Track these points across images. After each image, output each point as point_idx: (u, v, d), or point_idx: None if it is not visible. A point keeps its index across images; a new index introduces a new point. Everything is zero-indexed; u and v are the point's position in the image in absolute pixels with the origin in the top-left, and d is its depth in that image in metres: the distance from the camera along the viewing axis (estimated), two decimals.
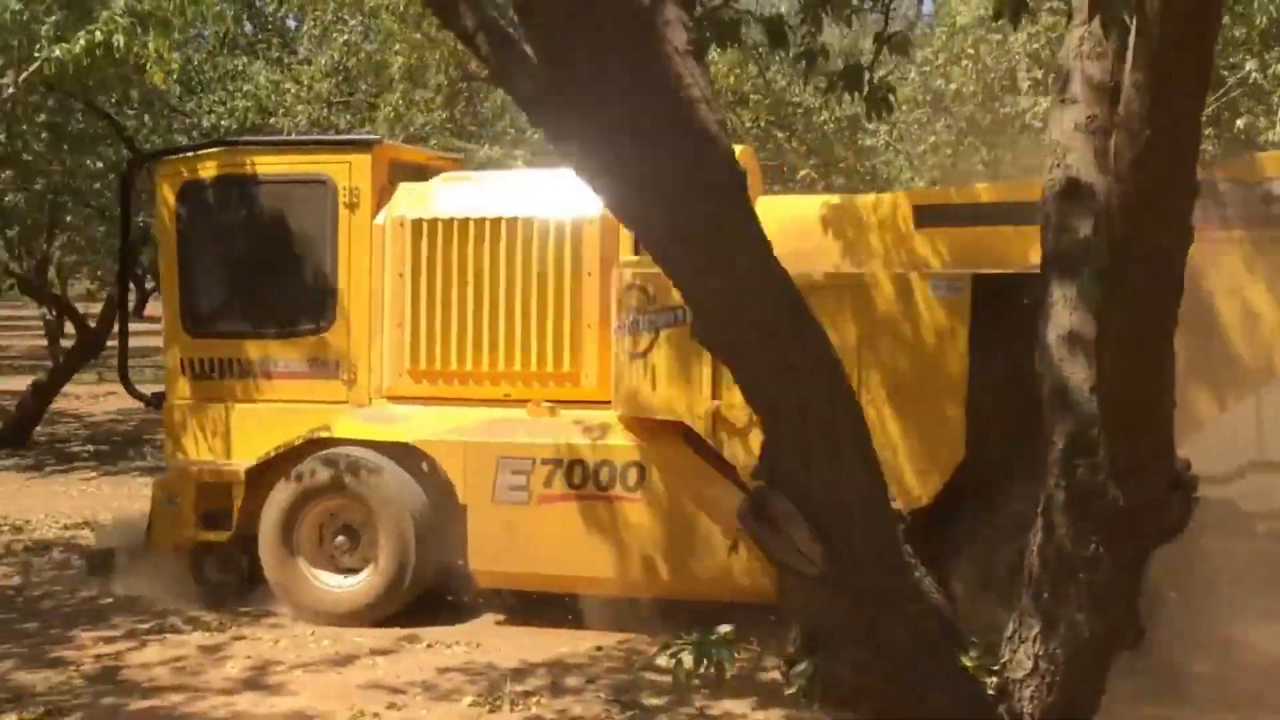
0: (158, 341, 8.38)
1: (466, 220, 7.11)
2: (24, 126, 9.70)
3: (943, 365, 5.95)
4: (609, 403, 6.77)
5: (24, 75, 7.06)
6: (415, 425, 7.05)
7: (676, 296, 5.66)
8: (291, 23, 14.09)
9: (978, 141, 11.05)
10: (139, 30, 7.35)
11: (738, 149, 6.85)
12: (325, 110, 12.07)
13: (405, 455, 6.99)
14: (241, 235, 7.66)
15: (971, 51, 10.56)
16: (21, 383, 15.18)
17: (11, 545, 9.15)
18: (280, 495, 7.08)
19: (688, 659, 3.27)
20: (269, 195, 7.52)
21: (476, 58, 3.38)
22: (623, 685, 6.00)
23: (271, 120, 12.05)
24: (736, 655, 3.34)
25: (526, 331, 7.03)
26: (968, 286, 5.94)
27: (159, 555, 7.54)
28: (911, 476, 5.90)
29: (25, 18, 7.01)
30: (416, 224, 7.18)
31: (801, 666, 3.19)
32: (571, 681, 6.06)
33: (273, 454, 7.19)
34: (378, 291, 7.28)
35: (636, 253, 6.46)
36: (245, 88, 11.94)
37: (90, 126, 10.93)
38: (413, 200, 7.30)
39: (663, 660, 3.59)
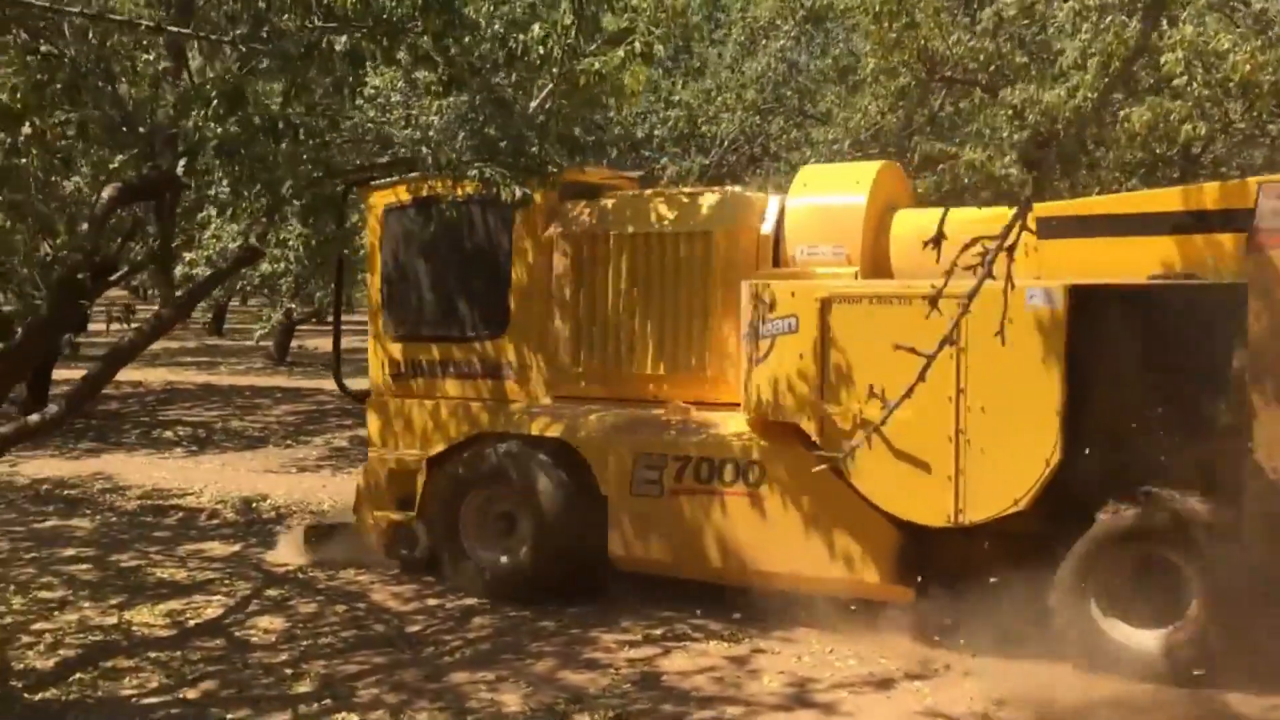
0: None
1: (621, 235, 7.70)
2: None
3: (1037, 374, 6.12)
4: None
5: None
6: (568, 423, 7.71)
7: (790, 306, 6.41)
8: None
9: None
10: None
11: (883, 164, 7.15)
12: (756, 117, 12.14)
13: (558, 450, 7.66)
14: (433, 250, 8.33)
15: None
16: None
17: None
18: (442, 484, 7.94)
19: None
20: (457, 215, 8.01)
21: None
22: None
23: (704, 129, 12.24)
24: None
25: (675, 338, 7.62)
26: (1063, 300, 6.09)
27: (363, 532, 8.48)
28: (1008, 481, 6.19)
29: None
30: (577, 239, 7.83)
31: None
32: None
33: (448, 447, 8.04)
34: (548, 300, 7.99)
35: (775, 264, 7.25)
36: (675, 97, 12.16)
37: None
38: (579, 217, 7.90)
39: None
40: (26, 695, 6.05)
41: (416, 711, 5.84)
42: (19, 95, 4.63)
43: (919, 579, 6.60)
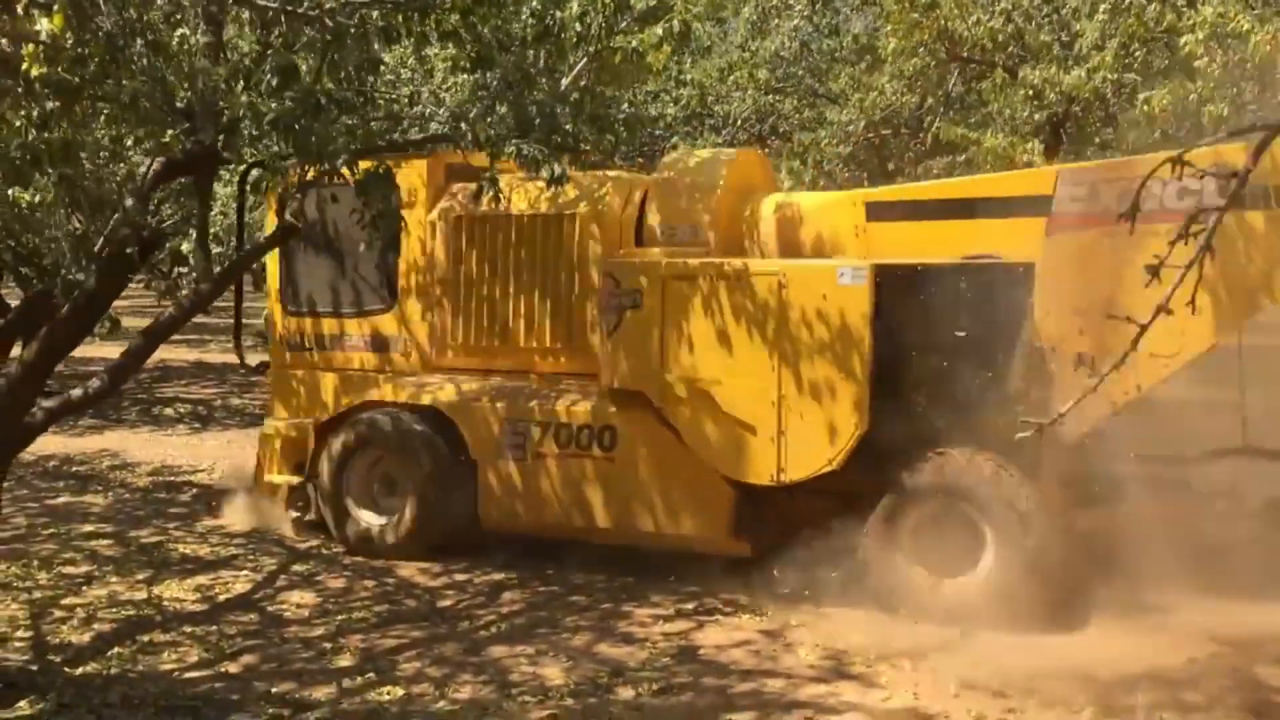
0: None
1: (497, 217, 8.00)
2: None
3: (847, 344, 6.76)
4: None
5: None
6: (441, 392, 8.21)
7: (634, 283, 7.23)
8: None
9: None
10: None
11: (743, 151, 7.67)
12: (770, 96, 12.15)
13: (434, 417, 8.12)
14: (328, 229, 8.53)
15: None
16: None
17: None
18: (334, 447, 8.36)
19: None
20: (347, 197, 8.24)
21: None
22: (1253, 705, 5.59)
23: (717, 108, 12.24)
24: None
25: (545, 314, 8.05)
26: (868, 276, 6.71)
27: (262, 495, 8.98)
28: (824, 443, 6.84)
29: None
30: (458, 219, 8.23)
31: None
32: (1190, 696, 5.69)
33: (336, 413, 8.50)
34: (432, 277, 8.40)
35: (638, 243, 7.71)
36: (689, 76, 12.15)
37: None
38: (460, 199, 8.24)
39: None
40: (67, 669, 6.07)
41: (460, 685, 5.89)
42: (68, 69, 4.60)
43: (755, 534, 7.26)
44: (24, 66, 3.97)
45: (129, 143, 6.39)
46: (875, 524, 6.78)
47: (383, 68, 8.84)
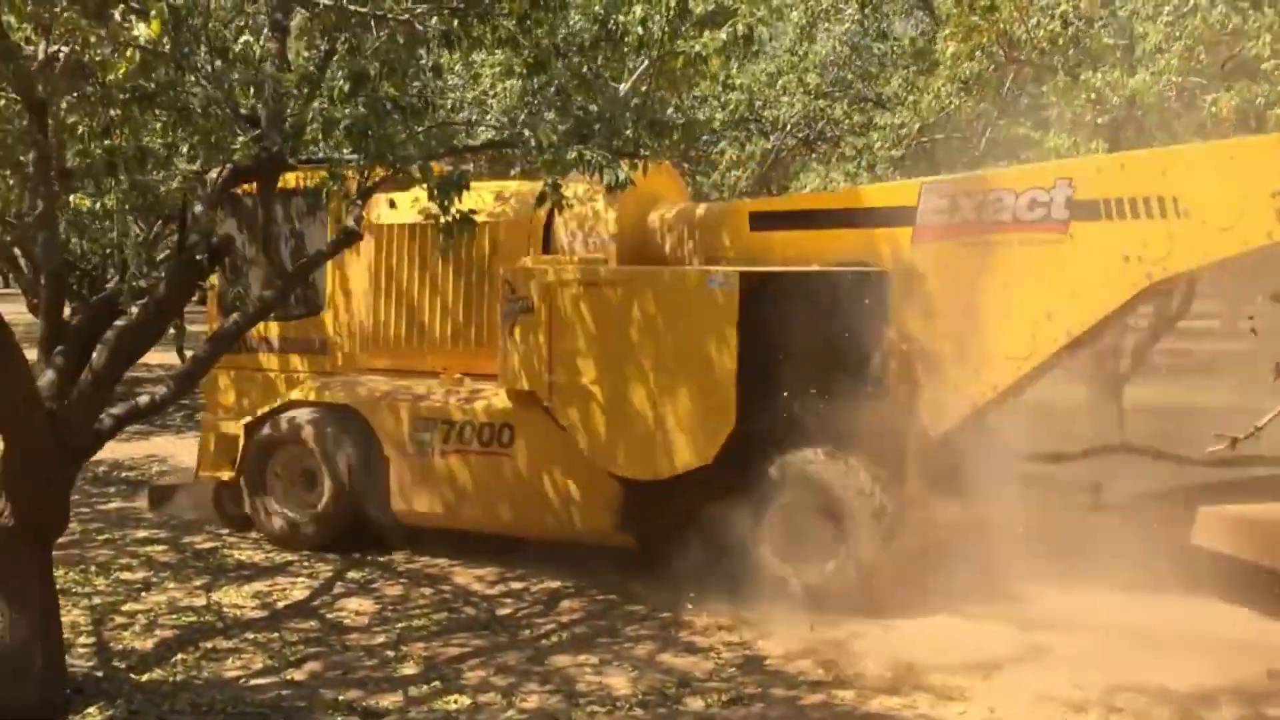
0: None
1: (415, 225, 8.27)
2: None
3: (716, 347, 7.09)
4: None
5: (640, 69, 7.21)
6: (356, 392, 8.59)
7: (527, 289, 7.64)
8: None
9: None
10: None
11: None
12: (819, 101, 12.08)
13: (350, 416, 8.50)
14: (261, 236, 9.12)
15: None
16: None
17: None
18: (259, 444, 8.71)
19: None
20: (289, 205, 8.75)
21: None
22: None
23: (766, 113, 12.17)
24: None
25: (458, 318, 8.50)
26: (735, 282, 7.03)
27: (202, 492, 9.45)
28: (696, 440, 7.20)
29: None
30: (379, 228, 8.59)
31: None
32: (1273, 712, 5.57)
33: (263, 412, 8.82)
34: (357, 283, 8.86)
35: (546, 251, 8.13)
36: (737, 80, 12.09)
37: None
38: (380, 210, 8.39)
39: None
40: (133, 676, 6.06)
41: (527, 694, 5.84)
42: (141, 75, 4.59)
43: (639, 527, 7.60)
44: (115, 72, 3.95)
45: (183, 149, 6.39)
46: (744, 517, 7.11)
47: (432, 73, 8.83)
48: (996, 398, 7.10)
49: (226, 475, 9.06)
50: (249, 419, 8.92)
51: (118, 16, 3.97)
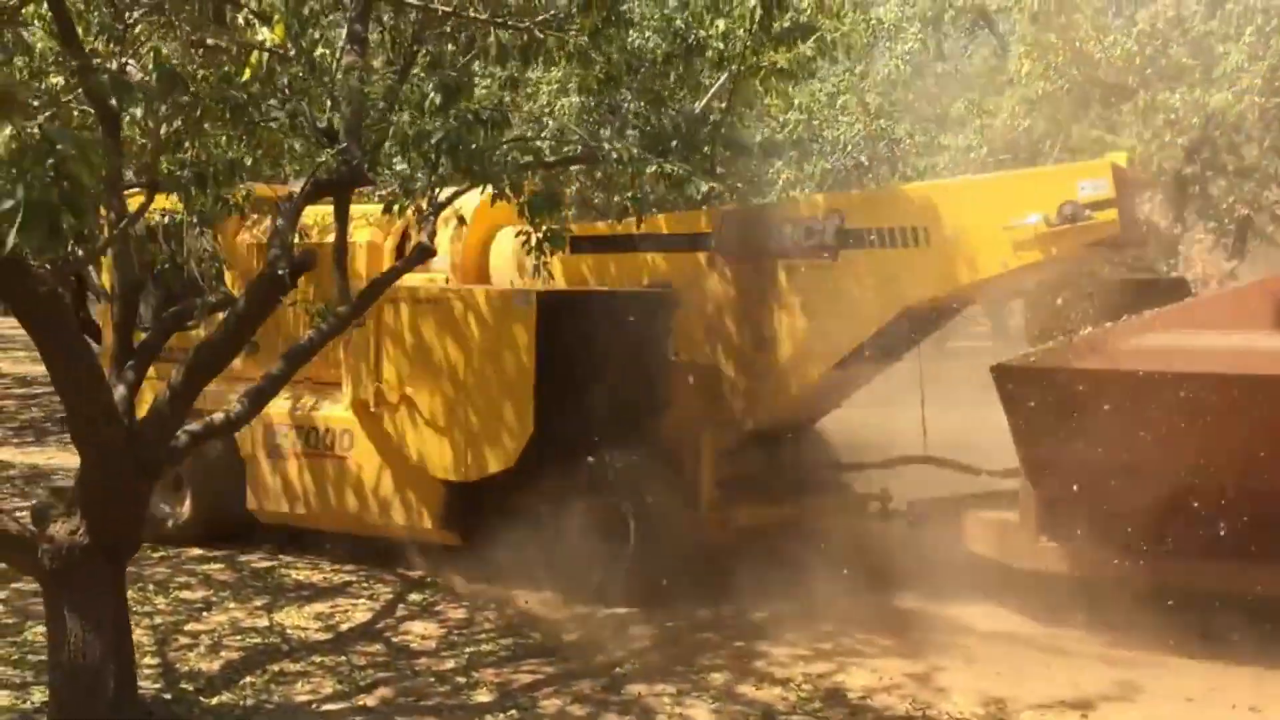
0: None
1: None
2: None
3: (517, 360, 7.74)
4: None
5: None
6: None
7: None
8: None
9: None
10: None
11: None
12: (880, 121, 11.93)
13: None
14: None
15: None
16: None
17: None
18: None
19: None
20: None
21: None
22: None
23: (825, 133, 12.03)
24: None
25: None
26: (534, 301, 7.69)
27: None
28: (502, 445, 7.84)
29: None
30: (261, 246, 8.49)
31: None
32: None
33: None
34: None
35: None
36: (798, 100, 11.96)
37: None
38: (263, 226, 8.55)
39: None
40: (203, 699, 5.93)
41: None
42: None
43: (462, 526, 8.11)
44: (240, 75, 3.87)
45: (248, 163, 6.31)
46: (547, 516, 7.57)
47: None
48: (780, 409, 7.99)
49: None
50: None
51: (240, 20, 3.87)
